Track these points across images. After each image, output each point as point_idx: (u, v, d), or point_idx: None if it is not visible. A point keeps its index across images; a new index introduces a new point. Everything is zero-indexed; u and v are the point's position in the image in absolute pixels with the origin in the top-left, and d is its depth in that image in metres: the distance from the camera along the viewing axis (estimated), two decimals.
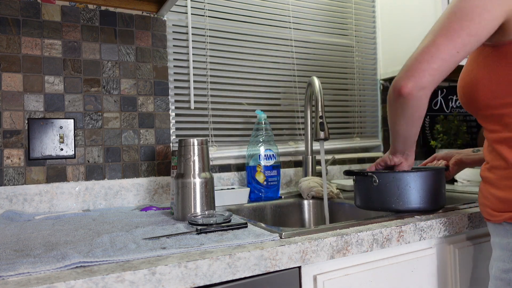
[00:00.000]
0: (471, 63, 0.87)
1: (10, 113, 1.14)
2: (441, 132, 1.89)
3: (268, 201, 1.33)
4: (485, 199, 0.85)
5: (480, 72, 0.82)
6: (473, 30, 0.74)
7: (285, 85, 1.65)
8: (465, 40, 0.75)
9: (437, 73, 0.77)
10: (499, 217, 0.80)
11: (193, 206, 0.98)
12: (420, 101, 0.81)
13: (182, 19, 1.43)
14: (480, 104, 0.83)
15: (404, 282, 0.91)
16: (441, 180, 1.01)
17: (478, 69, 0.83)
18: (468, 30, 0.74)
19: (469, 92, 0.85)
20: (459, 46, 0.75)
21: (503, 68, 0.78)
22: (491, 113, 0.82)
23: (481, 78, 0.82)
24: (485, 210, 0.85)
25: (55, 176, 1.19)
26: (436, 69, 0.77)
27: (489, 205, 0.83)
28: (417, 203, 0.97)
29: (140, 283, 0.61)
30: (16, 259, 0.65)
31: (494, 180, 0.82)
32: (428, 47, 0.77)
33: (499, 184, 0.81)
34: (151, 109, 1.33)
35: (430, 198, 0.98)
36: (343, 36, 1.81)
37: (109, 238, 0.78)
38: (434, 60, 0.77)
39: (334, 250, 0.78)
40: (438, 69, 0.77)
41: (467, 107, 0.88)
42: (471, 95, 0.85)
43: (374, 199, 1.00)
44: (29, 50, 1.17)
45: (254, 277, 0.72)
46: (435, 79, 0.78)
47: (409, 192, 0.96)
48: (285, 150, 1.61)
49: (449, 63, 0.77)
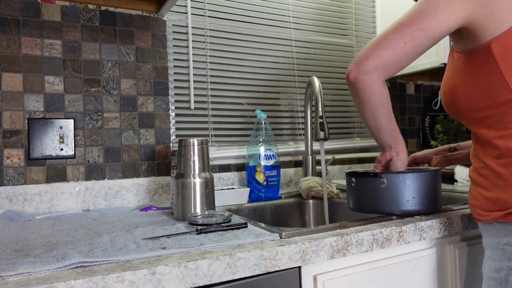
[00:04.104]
0: (450, 69, 0.89)
1: (10, 113, 1.14)
2: (441, 132, 1.89)
3: (268, 201, 1.33)
4: (474, 199, 0.86)
5: (458, 78, 0.85)
6: (424, 25, 0.78)
7: (285, 85, 1.65)
8: (414, 33, 0.79)
9: (382, 59, 0.81)
10: (488, 217, 0.81)
11: (193, 206, 0.98)
12: (367, 86, 0.83)
13: (182, 19, 1.43)
14: (461, 108, 0.85)
15: (404, 282, 0.91)
16: (439, 181, 1.00)
17: (456, 75, 0.86)
18: (418, 25, 0.78)
19: (450, 98, 0.87)
20: (407, 38, 0.79)
21: (478, 73, 0.80)
22: (473, 116, 0.84)
23: (459, 84, 0.84)
24: (475, 211, 0.85)
25: (55, 176, 1.19)
26: (381, 55, 0.81)
27: (478, 205, 0.84)
28: (423, 204, 0.94)
29: (140, 283, 0.61)
30: (16, 259, 0.65)
31: (482, 181, 0.83)
32: (378, 37, 0.83)
33: (487, 184, 0.82)
34: (151, 109, 1.33)
35: (433, 199, 0.96)
36: (343, 36, 1.81)
37: (109, 238, 0.78)
38: (380, 47, 0.81)
39: (334, 250, 0.78)
40: (383, 56, 0.81)
41: (451, 112, 0.90)
42: (452, 100, 0.87)
43: (379, 201, 0.95)
44: (29, 50, 1.17)
45: (254, 277, 0.72)
46: (380, 65, 0.81)
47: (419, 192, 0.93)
48: (285, 150, 1.61)
49: (395, 52, 0.80)
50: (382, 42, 0.81)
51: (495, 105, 0.79)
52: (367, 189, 0.96)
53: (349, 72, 0.85)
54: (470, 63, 0.82)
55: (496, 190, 0.79)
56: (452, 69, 0.88)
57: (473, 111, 0.83)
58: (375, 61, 0.81)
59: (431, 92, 2.06)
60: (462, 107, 0.85)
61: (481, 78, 0.80)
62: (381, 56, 0.81)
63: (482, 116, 0.82)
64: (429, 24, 0.78)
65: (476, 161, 0.87)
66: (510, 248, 0.77)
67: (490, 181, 0.81)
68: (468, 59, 0.82)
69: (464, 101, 0.83)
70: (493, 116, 0.80)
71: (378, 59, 0.81)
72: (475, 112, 0.83)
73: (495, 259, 0.80)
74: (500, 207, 0.78)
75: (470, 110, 0.83)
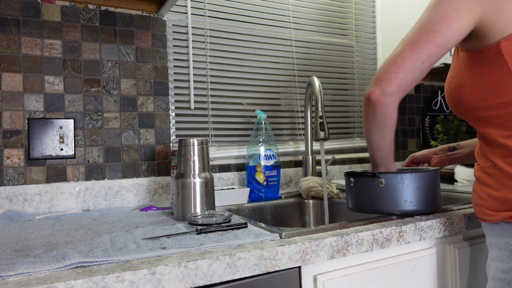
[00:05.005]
0: (455, 68, 0.88)
1: (10, 113, 1.14)
2: (441, 132, 1.89)
3: (268, 201, 1.33)
4: (480, 199, 0.85)
5: (465, 76, 0.84)
6: (440, 41, 0.79)
7: (285, 85, 1.65)
8: (431, 51, 0.80)
9: (402, 82, 0.82)
10: (496, 217, 0.80)
11: (193, 206, 0.98)
12: (387, 108, 0.85)
13: (182, 19, 1.43)
14: (467, 107, 0.85)
15: (404, 282, 0.91)
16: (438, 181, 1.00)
17: (462, 73, 0.85)
18: (435, 41, 0.79)
19: (456, 96, 0.87)
20: (424, 58, 0.80)
21: (486, 72, 0.80)
22: (479, 115, 0.83)
23: (465, 82, 0.84)
24: (481, 210, 0.84)
25: (55, 176, 1.19)
26: (402, 79, 0.82)
27: (485, 205, 0.83)
28: (422, 205, 0.94)
29: (140, 283, 0.61)
30: (16, 259, 0.65)
31: (490, 180, 0.82)
32: (395, 57, 0.83)
33: (494, 184, 0.81)
34: (151, 109, 1.33)
35: (432, 199, 0.96)
36: (343, 36, 1.81)
37: (109, 238, 0.78)
38: (400, 71, 0.82)
39: (334, 250, 0.78)
40: (404, 79, 0.82)
41: (456, 111, 0.90)
42: (458, 99, 0.87)
43: (377, 201, 0.95)
44: (29, 50, 1.17)
45: (254, 277, 0.72)
46: (401, 88, 0.83)
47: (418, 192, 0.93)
48: (285, 150, 1.61)
49: (415, 74, 0.82)
50: (400, 65, 0.82)
51: (503, 104, 0.78)
52: (366, 189, 0.96)
53: (371, 93, 0.85)
54: (477, 62, 0.81)
55: (504, 190, 0.78)
56: (457, 68, 0.87)
57: (480, 110, 0.82)
58: (397, 85, 0.82)
59: (431, 92, 2.06)
60: (468, 106, 0.84)
61: (489, 77, 0.79)
62: (402, 80, 0.82)
63: (489, 115, 0.81)
64: (444, 39, 0.78)
65: (482, 160, 0.86)
66: None
67: (498, 180, 0.80)
68: (475, 58, 0.82)
69: (471, 100, 0.83)
70: (500, 116, 0.79)
71: (399, 83, 0.82)
72: (482, 111, 0.82)
73: (502, 260, 0.79)
74: (508, 207, 0.77)
75: (477, 109, 0.83)
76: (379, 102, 0.84)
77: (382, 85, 0.83)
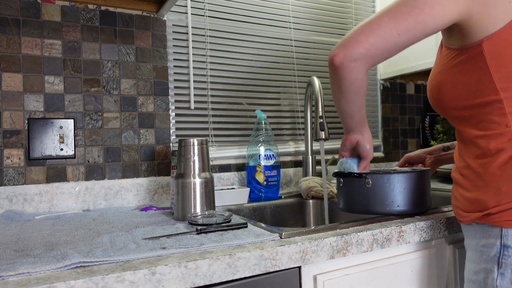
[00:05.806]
0: (438, 65, 0.87)
1: (10, 113, 1.14)
2: (441, 132, 1.89)
3: (268, 201, 1.33)
4: (455, 200, 0.84)
5: (445, 75, 0.83)
6: (421, 18, 0.74)
7: (285, 85, 1.65)
8: (410, 25, 0.75)
9: (372, 47, 0.77)
10: (468, 218, 0.79)
11: (193, 206, 0.98)
12: (352, 74, 0.80)
13: (182, 19, 1.43)
14: (447, 105, 0.84)
15: (404, 282, 0.91)
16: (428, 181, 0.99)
17: (443, 72, 0.84)
18: (415, 17, 0.74)
19: (436, 94, 0.86)
20: (402, 29, 0.75)
21: (466, 71, 0.79)
22: (458, 114, 0.83)
23: (446, 81, 0.83)
24: (456, 212, 0.83)
25: (55, 176, 1.19)
26: (372, 44, 0.76)
27: (459, 206, 0.82)
28: (410, 205, 0.92)
29: (140, 283, 0.61)
30: (16, 259, 0.65)
31: (463, 181, 0.81)
32: (370, 22, 0.77)
33: (467, 185, 0.80)
34: (151, 109, 1.33)
35: (421, 200, 0.94)
36: (343, 36, 1.80)
37: (109, 238, 0.78)
38: (372, 35, 0.76)
39: (334, 250, 0.78)
40: (374, 45, 0.76)
41: (436, 108, 0.89)
42: (438, 96, 0.85)
43: (366, 202, 0.93)
44: (29, 50, 1.17)
45: (254, 277, 0.72)
46: (369, 54, 0.77)
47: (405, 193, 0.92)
48: (285, 150, 1.61)
49: (387, 43, 0.76)
50: (375, 29, 0.76)
51: (480, 105, 0.77)
52: (354, 189, 0.95)
53: (334, 55, 0.80)
54: (459, 61, 0.80)
55: (476, 190, 0.77)
56: (440, 65, 0.86)
57: (459, 109, 0.82)
58: (365, 49, 0.77)
59: None
60: (448, 105, 0.83)
61: (470, 77, 0.78)
62: (372, 45, 0.76)
63: (467, 114, 0.80)
64: (425, 18, 0.74)
65: (459, 161, 0.85)
66: (488, 250, 0.74)
67: (471, 181, 0.79)
68: (458, 57, 0.80)
69: (450, 98, 0.82)
70: (477, 116, 0.78)
71: (368, 47, 0.77)
72: (461, 111, 0.81)
73: (474, 261, 0.78)
74: (479, 208, 0.76)
75: (456, 108, 0.82)
76: (343, 66, 0.79)
77: (348, 47, 0.78)
